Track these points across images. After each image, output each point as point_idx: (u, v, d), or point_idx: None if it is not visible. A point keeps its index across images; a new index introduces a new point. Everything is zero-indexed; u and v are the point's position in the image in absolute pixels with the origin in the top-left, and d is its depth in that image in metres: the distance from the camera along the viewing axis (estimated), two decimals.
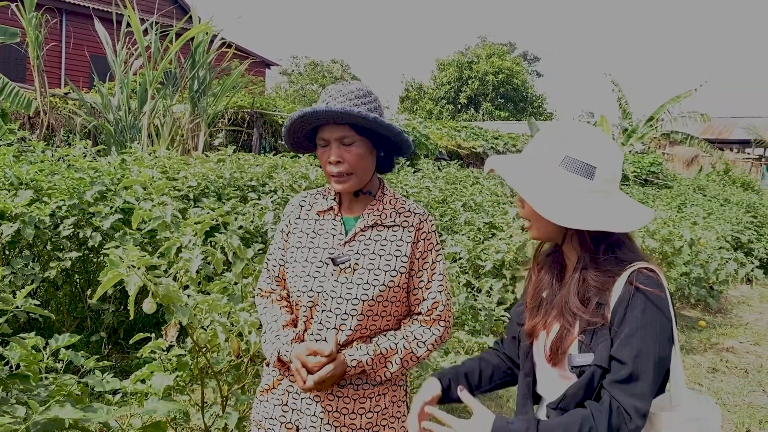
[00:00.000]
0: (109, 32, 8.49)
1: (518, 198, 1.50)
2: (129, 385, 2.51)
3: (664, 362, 1.31)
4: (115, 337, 4.45)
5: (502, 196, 8.03)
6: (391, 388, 1.78)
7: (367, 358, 1.67)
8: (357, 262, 1.70)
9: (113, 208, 3.94)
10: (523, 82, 42.85)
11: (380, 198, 1.78)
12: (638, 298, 1.32)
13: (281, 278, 1.82)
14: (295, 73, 47.47)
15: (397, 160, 1.87)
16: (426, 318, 1.76)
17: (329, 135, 1.66)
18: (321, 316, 1.70)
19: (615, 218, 1.38)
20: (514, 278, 5.29)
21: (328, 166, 1.68)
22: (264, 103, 10.81)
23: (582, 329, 1.37)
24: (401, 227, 1.74)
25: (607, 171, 1.40)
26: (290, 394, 1.75)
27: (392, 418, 1.78)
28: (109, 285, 1.81)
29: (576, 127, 1.47)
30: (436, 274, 1.76)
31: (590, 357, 1.34)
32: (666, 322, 1.32)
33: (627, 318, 1.32)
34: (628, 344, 1.30)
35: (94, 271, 4.44)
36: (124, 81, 7.85)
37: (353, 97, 1.65)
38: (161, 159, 5.07)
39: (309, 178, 5.37)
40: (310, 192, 1.87)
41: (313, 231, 1.77)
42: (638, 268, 1.37)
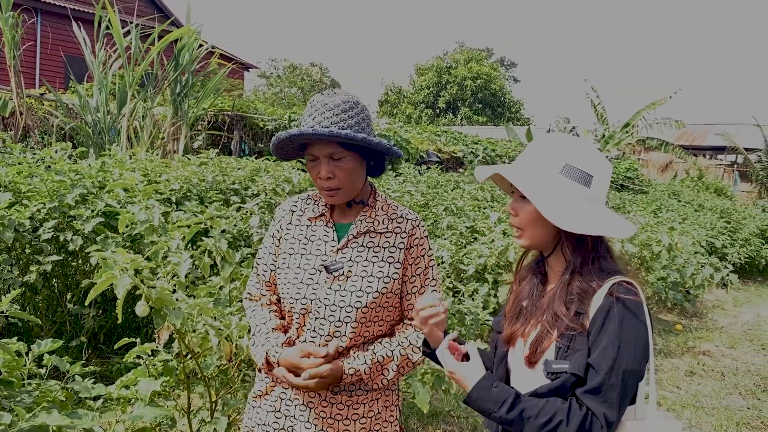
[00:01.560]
0: (87, 33, 8.38)
1: (510, 206, 1.52)
2: (114, 391, 2.47)
3: (636, 374, 1.35)
4: (95, 342, 4.39)
5: (482, 201, 8.07)
6: (384, 393, 1.79)
7: (365, 367, 1.67)
8: (350, 269, 1.69)
9: (95, 212, 3.89)
10: (500, 88, 43.15)
11: (372, 204, 1.77)
12: (617, 310, 1.35)
13: (271, 283, 1.81)
14: (273, 76, 47.28)
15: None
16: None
17: (318, 152, 1.65)
18: (314, 324, 1.69)
19: (611, 225, 1.42)
20: (496, 282, 5.33)
21: (318, 180, 1.67)
22: (245, 106, 10.75)
23: (560, 333, 1.40)
24: (394, 233, 1.74)
25: (601, 180, 1.45)
26: (283, 400, 1.74)
27: (385, 422, 1.79)
28: (104, 287, 1.79)
29: (571, 138, 1.51)
30: (429, 279, 1.77)
31: (566, 365, 1.38)
32: (643, 334, 1.36)
33: (605, 329, 1.35)
34: (605, 355, 1.33)
35: (73, 275, 4.38)
36: (102, 82, 7.75)
37: (340, 111, 1.62)
38: (142, 162, 5.01)
39: (292, 181, 5.35)
40: (300, 197, 1.86)
41: (305, 237, 1.76)
42: (619, 281, 1.40)
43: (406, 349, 1.73)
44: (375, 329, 1.73)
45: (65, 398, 2.31)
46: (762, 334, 7.11)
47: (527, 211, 1.46)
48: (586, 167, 1.43)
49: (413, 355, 1.74)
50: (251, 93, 35.72)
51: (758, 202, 15.91)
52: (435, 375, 2.80)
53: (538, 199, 1.39)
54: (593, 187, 1.43)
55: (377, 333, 1.75)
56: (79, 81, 10.61)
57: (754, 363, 5.99)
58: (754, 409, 4.74)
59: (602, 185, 1.45)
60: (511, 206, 1.52)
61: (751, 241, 10.87)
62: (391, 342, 1.74)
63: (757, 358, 6.16)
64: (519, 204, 1.49)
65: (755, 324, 7.62)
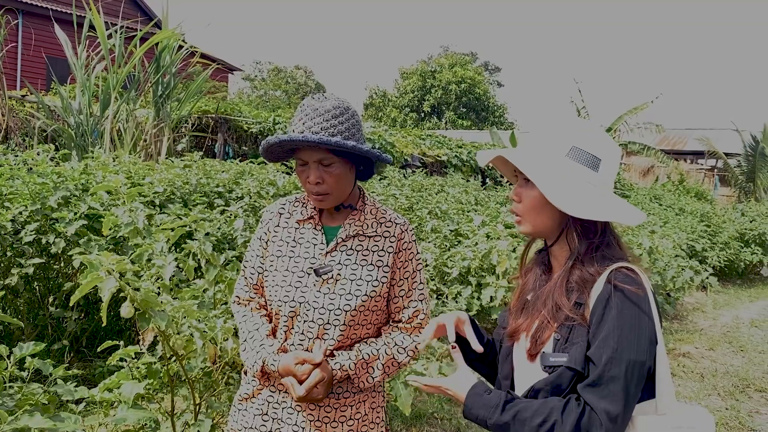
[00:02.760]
0: (69, 35, 8.31)
1: (514, 191, 1.46)
2: (97, 394, 2.47)
3: (640, 365, 1.25)
4: (77, 345, 4.36)
5: (467, 204, 8.12)
6: (371, 395, 1.80)
7: (350, 363, 1.67)
8: (339, 273, 1.70)
9: (78, 214, 3.87)
10: (484, 92, 43.41)
11: (361, 208, 1.77)
12: (616, 298, 1.28)
13: (259, 286, 1.81)
14: (258, 78, 47.14)
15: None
16: (407, 326, 1.78)
17: (308, 157, 1.65)
18: (303, 327, 1.69)
19: (621, 212, 1.35)
20: (479, 285, 5.36)
21: (307, 185, 1.67)
22: (229, 109, 10.72)
23: (560, 323, 1.34)
24: (383, 237, 1.75)
25: (610, 165, 1.39)
26: (270, 403, 1.74)
27: (372, 423, 1.80)
28: (88, 288, 1.79)
29: (582, 121, 1.45)
30: (417, 283, 1.78)
31: (564, 358, 1.31)
32: (646, 322, 1.28)
33: (605, 318, 1.28)
34: (604, 346, 1.26)
35: (55, 278, 4.35)
36: (85, 84, 7.69)
37: (330, 117, 1.62)
38: (126, 164, 5.00)
39: (277, 184, 5.36)
40: (288, 199, 1.85)
41: (293, 240, 1.76)
42: (618, 267, 1.33)
43: (392, 350, 1.74)
44: (362, 332, 1.74)
45: (48, 401, 2.30)
46: (740, 336, 7.21)
47: (531, 196, 1.40)
48: (594, 150, 1.37)
49: (399, 355, 1.75)
50: (235, 96, 35.59)
51: (737, 206, 16.13)
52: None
53: (543, 182, 1.33)
54: (601, 171, 1.37)
55: (364, 336, 1.75)
56: (61, 83, 10.52)
57: (733, 364, 6.07)
58: (732, 410, 4.81)
59: (610, 170, 1.39)
60: (515, 192, 1.45)
61: (731, 244, 11.02)
62: (377, 342, 1.75)
63: (736, 360, 6.26)
64: (522, 189, 1.43)
65: (734, 326, 7.73)
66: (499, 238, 5.63)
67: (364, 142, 1.71)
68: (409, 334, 1.78)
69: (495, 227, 5.90)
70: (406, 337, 1.78)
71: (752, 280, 11.64)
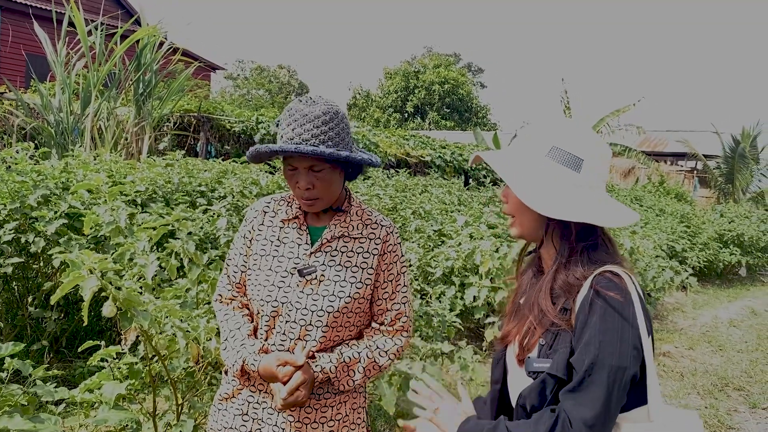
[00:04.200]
0: (48, 31, 8.21)
1: (503, 192, 1.45)
2: (78, 395, 2.44)
3: (622, 371, 1.21)
4: (57, 345, 4.31)
5: (450, 205, 8.14)
6: (352, 396, 1.79)
7: (331, 365, 1.66)
8: (323, 274, 1.69)
9: (58, 213, 3.82)
10: (468, 93, 43.57)
11: (347, 209, 1.77)
12: (598, 303, 1.25)
13: (242, 284, 1.80)
14: (240, 77, 46.91)
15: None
16: (389, 328, 1.78)
17: (298, 164, 1.63)
18: (284, 327, 1.68)
19: (600, 213, 1.31)
20: (462, 285, 5.39)
21: (297, 190, 1.66)
22: (211, 107, 10.65)
23: (545, 328, 1.33)
24: (368, 239, 1.74)
25: (594, 165, 1.35)
26: (251, 404, 1.73)
27: (353, 425, 1.79)
28: (70, 287, 1.77)
29: (565, 121, 1.42)
30: (401, 286, 1.78)
31: (547, 363, 1.29)
32: (628, 329, 1.24)
33: (587, 324, 1.25)
34: (586, 352, 1.23)
35: (34, 278, 4.29)
36: (66, 81, 7.60)
37: (320, 123, 1.59)
38: (107, 163, 4.94)
39: (260, 184, 5.33)
40: (273, 197, 1.84)
41: (277, 239, 1.75)
42: (602, 271, 1.29)
43: (374, 353, 1.74)
44: (345, 334, 1.73)
45: (27, 402, 2.27)
46: (719, 336, 7.31)
47: (514, 197, 1.38)
48: (575, 150, 1.34)
49: (380, 359, 1.74)
50: (218, 94, 35.39)
51: (716, 207, 16.33)
52: (402, 377, 2.82)
53: (516, 182, 1.32)
54: (584, 171, 1.34)
55: (346, 337, 1.74)
56: (41, 80, 10.39)
57: (712, 363, 6.15)
58: (711, 408, 4.87)
59: (595, 170, 1.35)
60: (503, 192, 1.44)
61: (710, 245, 11.16)
62: (359, 344, 1.74)
63: (715, 359, 6.34)
64: (508, 189, 1.41)
65: (713, 326, 7.83)
66: (482, 238, 5.66)
67: (353, 144, 1.70)
68: (391, 337, 1.78)
69: (478, 227, 5.93)
70: (388, 341, 1.77)
71: (731, 281, 11.79)
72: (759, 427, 4.59)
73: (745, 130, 21.45)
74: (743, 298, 10.03)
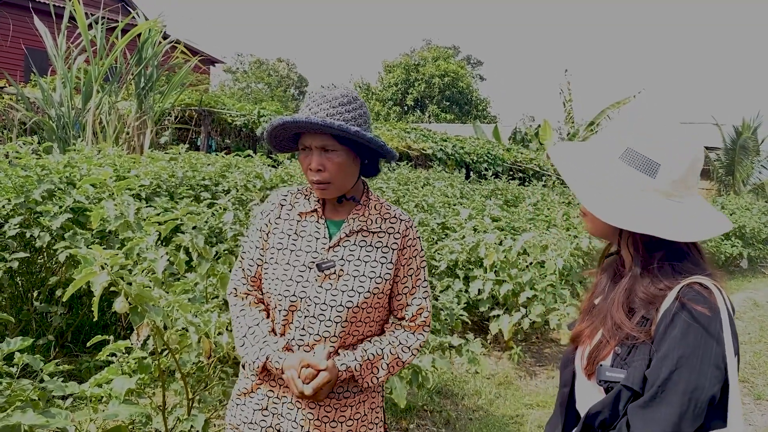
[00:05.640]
0: (48, 26, 8.17)
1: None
2: (87, 389, 2.44)
3: (700, 391, 1.12)
4: (63, 340, 4.30)
5: (452, 198, 8.13)
6: (370, 395, 1.78)
7: (355, 363, 1.65)
8: (342, 268, 1.67)
9: (63, 208, 3.81)
10: (468, 86, 43.46)
11: (365, 203, 1.75)
12: (681, 317, 1.17)
13: (257, 278, 1.77)
14: (240, 71, 46.80)
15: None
16: (410, 324, 1.76)
17: (310, 142, 1.62)
18: (303, 322, 1.66)
19: (673, 224, 1.21)
20: (467, 278, 5.39)
21: (308, 172, 1.64)
22: (212, 101, 10.62)
23: (620, 341, 1.25)
24: (387, 233, 1.72)
25: (674, 170, 1.23)
26: (270, 398, 1.72)
27: (371, 424, 1.78)
28: (82, 283, 1.76)
29: (647, 119, 1.28)
30: (420, 281, 1.76)
31: (621, 374, 1.22)
32: (713, 346, 1.14)
33: (666, 337, 1.17)
34: (661, 366, 1.16)
35: (39, 273, 4.28)
36: (67, 76, 7.57)
37: (337, 104, 1.60)
38: (111, 157, 4.93)
39: (263, 177, 5.32)
40: (290, 190, 1.82)
41: (294, 233, 1.73)
42: (690, 283, 1.20)
43: (396, 349, 1.72)
44: (365, 329, 1.72)
45: (37, 397, 2.27)
46: None
47: None
48: (651, 153, 1.23)
49: (403, 354, 1.73)
50: (217, 88, 35.31)
51: (717, 199, 16.33)
52: (412, 371, 2.82)
53: (580, 185, 1.24)
54: (660, 177, 1.22)
55: (366, 333, 1.73)
56: (41, 75, 10.35)
57: None
58: None
59: (675, 176, 1.22)
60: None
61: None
62: (381, 340, 1.72)
63: None
64: None
65: None
66: (486, 231, 5.66)
67: (371, 134, 1.67)
68: (413, 333, 1.76)
69: (482, 220, 5.93)
70: (410, 336, 1.75)
71: (732, 273, 11.80)
72: (764, 419, 4.59)
73: (746, 122, 21.44)
74: (745, 290, 10.04)
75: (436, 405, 4.01)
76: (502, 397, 4.39)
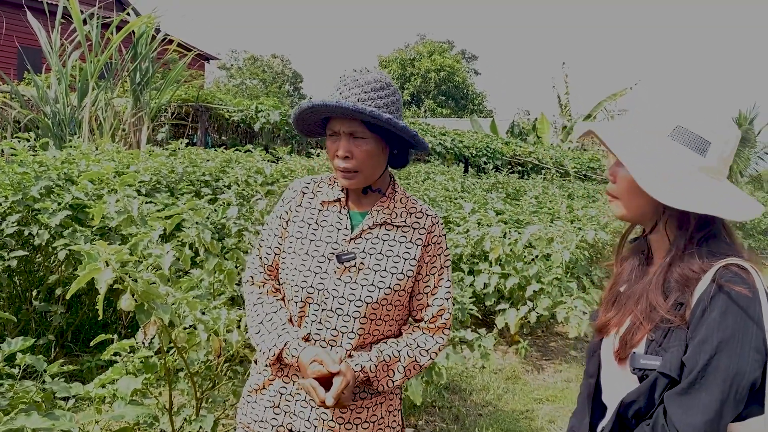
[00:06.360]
0: (41, 23, 8.07)
1: (610, 170, 1.31)
2: (92, 390, 2.36)
3: (741, 376, 1.09)
4: (63, 339, 4.23)
5: (453, 192, 8.07)
6: (388, 398, 1.70)
7: (370, 364, 1.56)
8: (363, 261, 1.58)
9: (61, 205, 3.73)
10: (463, 80, 43.42)
11: (391, 195, 1.66)
12: (719, 299, 1.12)
13: (274, 267, 1.70)
14: (234, 67, 46.62)
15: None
16: (430, 325, 1.67)
17: (339, 127, 1.54)
18: (320, 315, 1.58)
19: (725, 203, 1.18)
20: (471, 272, 5.33)
21: (335, 159, 1.56)
22: (209, 97, 10.52)
23: (654, 324, 1.19)
24: (412, 228, 1.64)
25: (722, 149, 1.21)
26: (283, 395, 1.63)
27: (388, 428, 1.70)
28: (86, 280, 1.68)
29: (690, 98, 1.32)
30: (443, 280, 1.67)
31: (657, 361, 1.16)
32: (753, 329, 1.10)
33: (704, 320, 1.13)
34: (700, 351, 1.11)
35: (37, 271, 4.20)
36: (62, 72, 7.47)
37: (369, 89, 1.51)
38: (109, 152, 4.85)
39: (264, 172, 5.24)
40: (314, 178, 1.73)
41: (315, 222, 1.65)
42: (727, 264, 1.16)
43: (414, 351, 1.63)
44: (384, 328, 1.63)
45: (41, 399, 2.20)
46: None
47: (626, 177, 1.25)
48: (702, 131, 1.20)
49: (421, 358, 1.64)
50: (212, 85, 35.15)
51: None
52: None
53: (634, 164, 1.19)
54: (710, 155, 1.20)
55: (386, 332, 1.65)
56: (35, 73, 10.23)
57: None
58: None
59: (722, 155, 1.21)
60: (610, 171, 1.30)
61: None
62: (398, 342, 1.64)
63: None
64: (618, 168, 1.28)
65: None
66: (490, 225, 5.59)
67: (404, 123, 1.58)
68: (432, 335, 1.67)
69: (486, 213, 5.86)
70: (429, 339, 1.66)
71: None
72: None
73: (742, 113, 21.48)
74: None
75: (446, 401, 3.95)
76: (510, 392, 4.34)
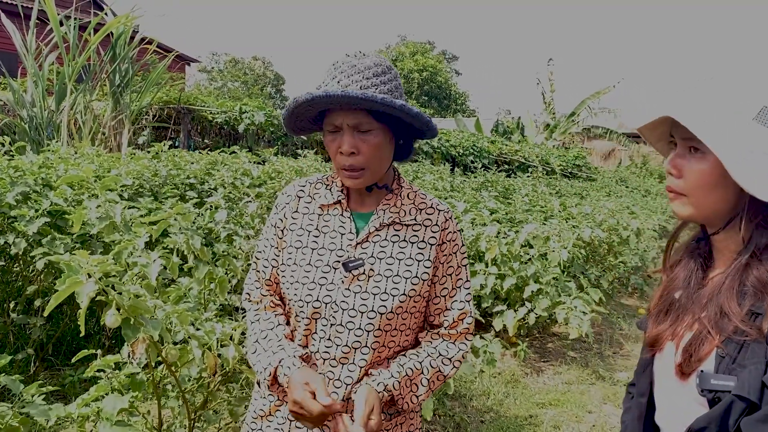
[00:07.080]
0: (16, 26, 7.83)
1: (671, 162, 1.12)
2: (75, 411, 2.18)
3: None
4: (43, 353, 4.02)
5: (443, 191, 7.94)
6: (408, 417, 1.53)
7: (393, 381, 1.39)
8: (372, 268, 1.41)
9: (39, 211, 3.53)
10: (446, 80, 43.43)
11: (397, 191, 1.49)
12: None
13: (272, 282, 1.52)
14: (215, 70, 46.24)
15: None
16: (451, 331, 1.50)
17: (341, 121, 1.35)
18: (329, 331, 1.40)
19: None
20: (473, 272, 5.19)
21: (338, 156, 1.38)
22: (191, 99, 10.30)
23: (726, 336, 1.02)
24: (423, 226, 1.46)
25: None
26: (293, 422, 1.44)
27: None
28: (66, 294, 1.51)
29: None
30: (462, 281, 1.50)
31: (731, 381, 0.99)
32: None
33: None
34: None
35: (15, 282, 4.00)
36: (38, 75, 7.23)
37: (371, 75, 1.33)
38: (90, 156, 4.65)
39: (251, 174, 5.07)
40: (308, 180, 1.55)
41: (316, 228, 1.47)
42: None
43: (437, 361, 1.46)
44: (401, 339, 1.46)
45: (18, 423, 2.01)
46: None
47: (698, 170, 1.06)
48: None
49: (444, 368, 1.48)
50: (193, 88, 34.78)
51: None
52: None
53: (726, 153, 1.00)
54: None
55: (402, 344, 1.48)
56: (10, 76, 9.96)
57: None
58: None
59: None
60: (672, 164, 1.11)
61: None
62: (419, 353, 1.47)
63: None
64: (685, 161, 1.09)
65: None
66: (485, 224, 5.45)
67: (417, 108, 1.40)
68: (453, 342, 1.50)
69: (480, 212, 5.72)
70: (451, 346, 1.49)
71: None
72: None
73: None
74: None
75: (447, 409, 3.80)
76: (511, 397, 4.20)
